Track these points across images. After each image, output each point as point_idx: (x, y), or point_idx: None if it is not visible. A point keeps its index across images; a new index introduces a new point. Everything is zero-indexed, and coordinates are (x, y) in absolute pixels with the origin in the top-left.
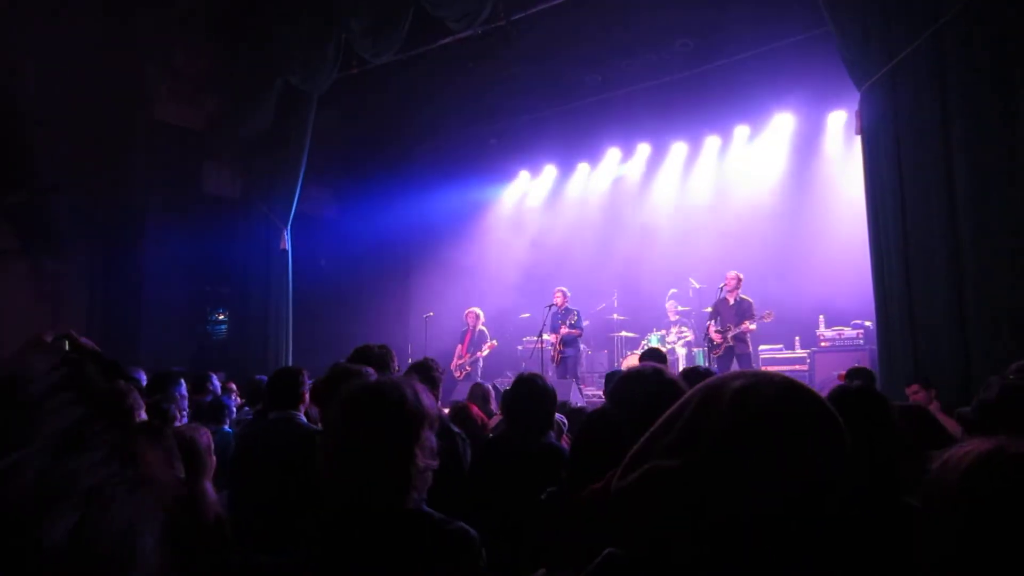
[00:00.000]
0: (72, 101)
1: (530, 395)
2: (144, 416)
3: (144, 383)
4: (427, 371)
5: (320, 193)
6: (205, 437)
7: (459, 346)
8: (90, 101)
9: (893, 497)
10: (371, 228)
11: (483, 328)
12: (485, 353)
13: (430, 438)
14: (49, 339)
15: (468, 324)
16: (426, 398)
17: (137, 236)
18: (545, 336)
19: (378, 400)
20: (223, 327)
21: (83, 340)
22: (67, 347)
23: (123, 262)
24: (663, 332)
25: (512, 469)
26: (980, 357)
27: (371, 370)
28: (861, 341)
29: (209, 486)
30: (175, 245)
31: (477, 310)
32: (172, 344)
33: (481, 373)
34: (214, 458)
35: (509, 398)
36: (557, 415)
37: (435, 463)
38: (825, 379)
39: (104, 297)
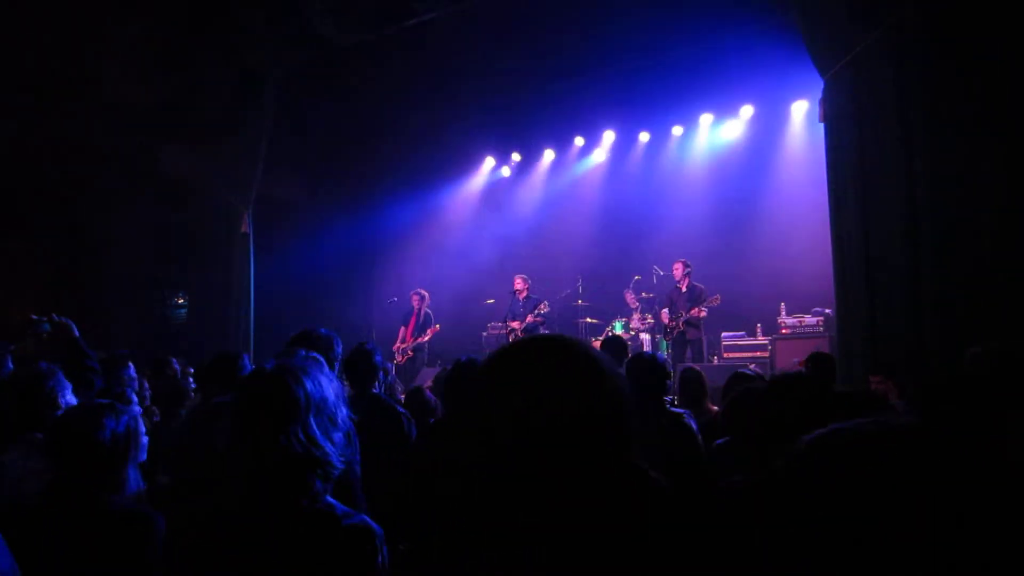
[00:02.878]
0: (22, 78)
1: (468, 379)
2: (70, 399)
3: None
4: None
5: (288, 177)
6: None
7: (402, 329)
8: (39, 78)
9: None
10: (339, 213)
11: (428, 311)
12: (428, 338)
13: (316, 425)
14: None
15: (413, 306)
16: (326, 383)
17: (93, 217)
18: (511, 323)
19: (264, 388)
20: (183, 311)
21: (63, 320)
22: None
23: (79, 243)
24: (627, 319)
25: (452, 447)
26: (937, 344)
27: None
28: (821, 328)
29: (130, 469)
30: (133, 226)
31: (423, 291)
32: (130, 327)
33: (427, 358)
34: (145, 440)
35: (447, 383)
36: None
37: (334, 452)
38: (785, 366)
39: (60, 279)
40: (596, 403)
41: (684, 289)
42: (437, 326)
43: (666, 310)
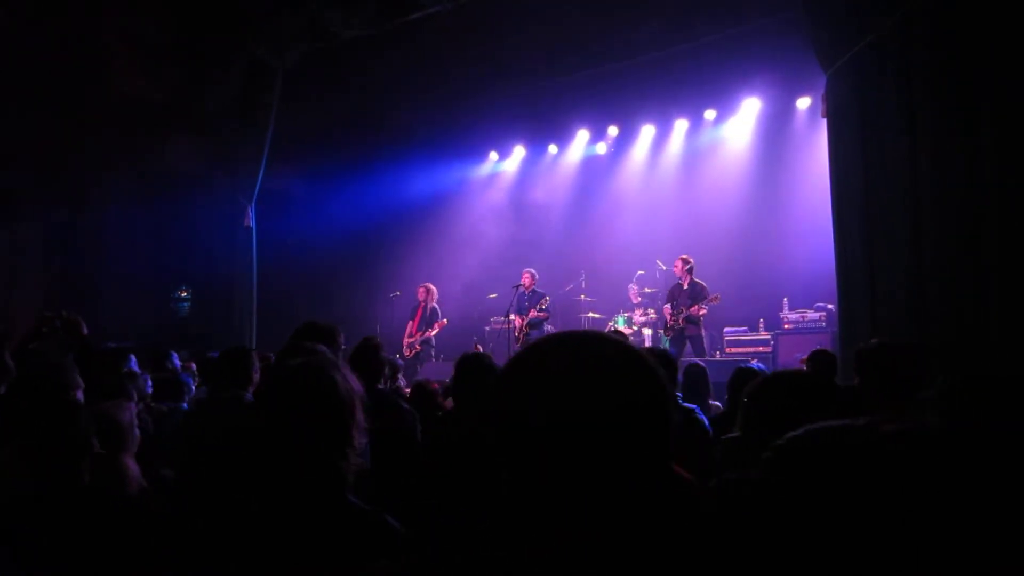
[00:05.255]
0: (27, 70)
1: (473, 373)
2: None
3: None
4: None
5: (289, 170)
6: (127, 413)
7: (410, 323)
8: (46, 70)
9: None
10: (340, 206)
11: (436, 306)
12: (435, 332)
13: (361, 420)
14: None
15: (419, 299)
16: (352, 378)
17: (97, 210)
18: (512, 317)
19: (306, 384)
20: (186, 304)
21: (72, 316)
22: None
23: (82, 237)
24: (630, 314)
25: (460, 444)
26: (939, 338)
27: (325, 348)
28: (824, 324)
29: (130, 461)
30: (136, 220)
31: (430, 285)
32: (133, 320)
33: (435, 353)
34: (137, 433)
35: (455, 376)
36: None
37: (363, 446)
38: (788, 361)
39: (63, 272)
40: (639, 393)
41: (686, 286)
42: (445, 320)
43: (668, 306)
